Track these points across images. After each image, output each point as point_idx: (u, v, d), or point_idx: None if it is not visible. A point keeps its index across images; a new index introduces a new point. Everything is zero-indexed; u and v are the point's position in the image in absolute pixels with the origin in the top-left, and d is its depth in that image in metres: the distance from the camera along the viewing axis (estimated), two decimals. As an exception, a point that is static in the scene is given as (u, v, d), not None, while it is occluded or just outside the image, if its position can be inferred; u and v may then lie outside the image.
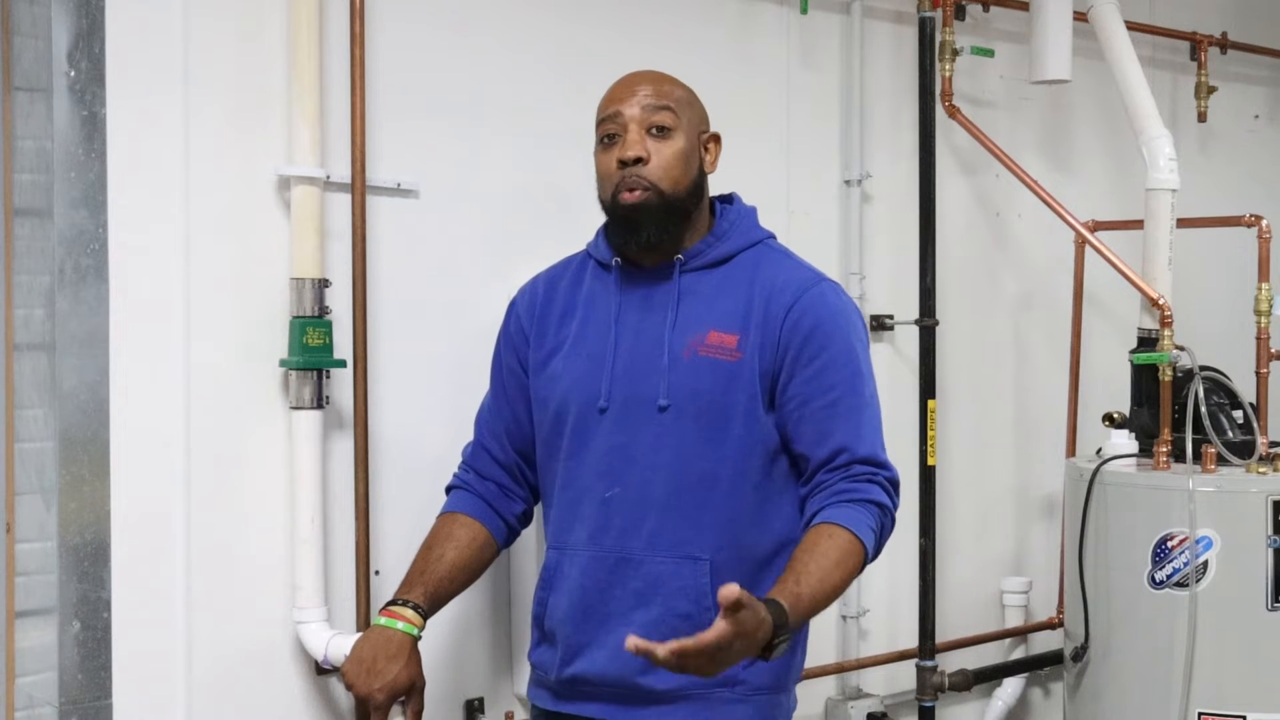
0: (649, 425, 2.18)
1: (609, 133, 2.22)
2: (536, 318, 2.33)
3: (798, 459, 2.18)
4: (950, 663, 3.53)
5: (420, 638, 2.20)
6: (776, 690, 2.22)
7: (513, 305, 2.39)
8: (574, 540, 2.22)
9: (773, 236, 2.32)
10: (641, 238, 2.20)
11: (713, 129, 2.31)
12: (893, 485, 2.16)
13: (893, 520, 2.16)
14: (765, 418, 2.17)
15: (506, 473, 2.35)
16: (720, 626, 1.80)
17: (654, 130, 2.20)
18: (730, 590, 1.78)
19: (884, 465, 2.15)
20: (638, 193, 2.18)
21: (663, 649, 1.79)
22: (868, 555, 2.09)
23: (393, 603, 2.22)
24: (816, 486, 2.15)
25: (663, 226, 2.20)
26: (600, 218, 2.32)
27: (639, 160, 2.18)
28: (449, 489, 2.39)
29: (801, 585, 1.98)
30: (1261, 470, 3.02)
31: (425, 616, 2.22)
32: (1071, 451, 3.65)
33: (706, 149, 2.28)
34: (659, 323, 2.21)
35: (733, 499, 2.16)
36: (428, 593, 2.23)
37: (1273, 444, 3.22)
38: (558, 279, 2.36)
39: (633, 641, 1.80)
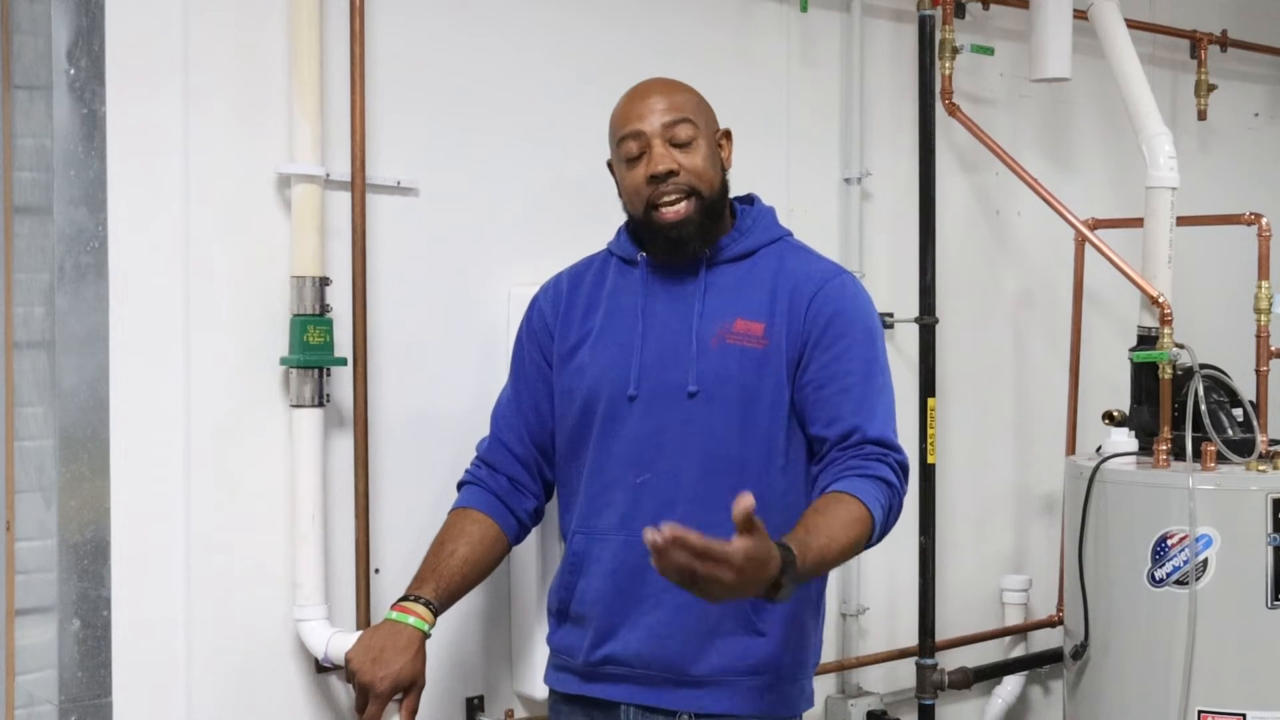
0: (678, 412, 2.21)
1: (631, 151, 2.25)
2: (561, 312, 2.36)
3: (812, 440, 2.22)
4: (950, 661, 3.53)
5: (430, 635, 2.21)
6: (799, 678, 2.27)
7: (535, 300, 2.42)
8: (604, 525, 2.25)
9: (791, 234, 2.37)
10: (689, 250, 2.25)
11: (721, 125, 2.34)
12: (902, 469, 2.18)
13: (900, 503, 2.18)
14: (789, 403, 2.21)
15: (523, 467, 2.37)
16: (741, 542, 1.75)
17: (676, 143, 2.23)
18: (747, 500, 1.73)
19: (895, 448, 2.18)
20: (681, 205, 2.22)
21: (665, 532, 1.73)
22: (875, 528, 2.08)
23: (404, 598, 2.23)
24: (828, 463, 2.17)
25: (705, 234, 2.25)
26: (608, 216, 2.33)
27: (671, 174, 2.22)
28: (461, 484, 2.40)
29: (811, 537, 1.95)
30: (1261, 468, 3.02)
31: (436, 613, 2.23)
32: (1071, 449, 3.65)
33: (721, 146, 2.31)
34: (686, 313, 2.25)
35: (760, 482, 2.18)
36: (439, 589, 2.24)
37: (1273, 442, 3.22)
38: (581, 275, 2.39)
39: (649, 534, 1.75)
